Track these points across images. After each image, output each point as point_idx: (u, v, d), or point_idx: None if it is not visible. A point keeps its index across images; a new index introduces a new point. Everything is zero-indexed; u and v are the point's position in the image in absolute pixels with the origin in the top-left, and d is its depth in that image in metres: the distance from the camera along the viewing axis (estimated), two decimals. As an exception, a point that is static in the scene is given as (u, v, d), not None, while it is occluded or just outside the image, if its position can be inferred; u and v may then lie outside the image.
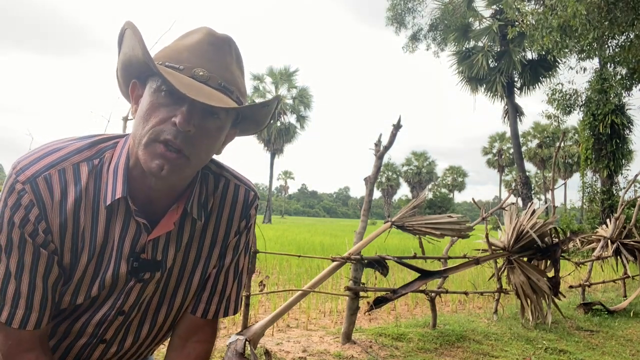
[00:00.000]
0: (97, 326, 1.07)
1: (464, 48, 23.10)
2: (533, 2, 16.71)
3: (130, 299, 1.06)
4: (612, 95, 14.83)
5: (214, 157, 1.07)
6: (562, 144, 42.69)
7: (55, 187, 0.95)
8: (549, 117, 17.38)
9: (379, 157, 4.07)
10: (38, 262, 0.95)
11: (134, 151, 0.96)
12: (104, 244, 1.00)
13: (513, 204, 5.09)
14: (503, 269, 4.68)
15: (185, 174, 0.97)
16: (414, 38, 23.64)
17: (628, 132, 15.33)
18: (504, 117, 24.07)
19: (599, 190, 15.53)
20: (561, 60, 19.14)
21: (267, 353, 2.86)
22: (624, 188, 11.67)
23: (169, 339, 1.22)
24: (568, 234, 4.98)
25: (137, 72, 0.98)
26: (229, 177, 1.13)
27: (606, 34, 10.19)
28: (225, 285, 1.15)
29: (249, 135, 1.14)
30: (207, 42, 0.95)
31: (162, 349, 1.23)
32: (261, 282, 3.66)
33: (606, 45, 11.11)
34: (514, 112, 22.89)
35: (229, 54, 0.98)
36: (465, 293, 4.63)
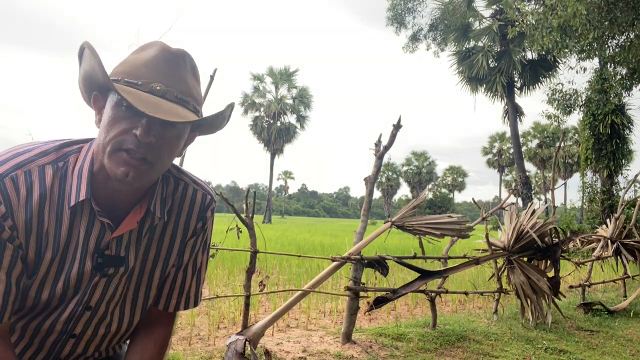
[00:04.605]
0: (65, 323, 1.13)
1: (464, 48, 23.11)
2: (533, 2, 16.73)
3: (95, 294, 1.13)
4: (612, 95, 14.82)
5: (176, 160, 1.19)
6: (562, 144, 42.66)
7: (22, 187, 1.01)
8: (549, 117, 17.39)
9: (379, 157, 4.07)
10: (2, 255, 0.99)
11: (99, 157, 1.04)
12: (68, 242, 1.07)
13: (513, 204, 5.10)
14: (503, 269, 4.68)
15: (149, 178, 1.05)
16: (414, 38, 23.62)
17: (628, 132, 15.31)
18: (504, 117, 24.09)
19: (599, 190, 15.52)
20: (561, 60, 19.17)
21: (267, 353, 2.87)
22: (624, 188, 11.67)
23: None
24: (568, 234, 4.98)
25: (97, 86, 1.05)
26: (188, 181, 1.22)
27: (606, 34, 10.19)
28: (184, 281, 1.26)
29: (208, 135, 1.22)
30: (162, 58, 1.03)
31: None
32: (261, 282, 3.66)
33: (606, 45, 11.10)
34: (514, 112, 22.90)
35: (184, 67, 1.06)
36: (465, 293, 4.64)
